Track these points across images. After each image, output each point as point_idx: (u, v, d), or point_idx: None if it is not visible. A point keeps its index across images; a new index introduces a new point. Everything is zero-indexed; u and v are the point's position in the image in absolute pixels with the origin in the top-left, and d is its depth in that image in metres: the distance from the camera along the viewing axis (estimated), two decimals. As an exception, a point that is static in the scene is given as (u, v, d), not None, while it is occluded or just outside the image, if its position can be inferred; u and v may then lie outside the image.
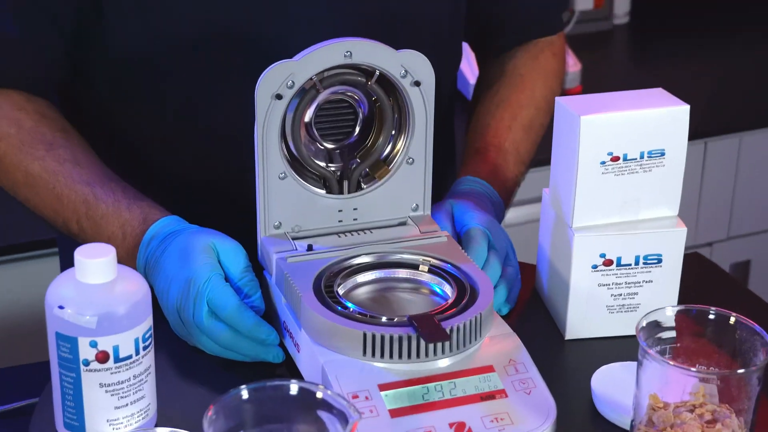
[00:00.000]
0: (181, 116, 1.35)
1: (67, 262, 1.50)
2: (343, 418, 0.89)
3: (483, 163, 1.40)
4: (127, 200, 1.24)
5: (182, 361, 1.16)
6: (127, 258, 1.22)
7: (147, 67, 1.32)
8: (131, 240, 1.22)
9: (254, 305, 1.15)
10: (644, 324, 1.00)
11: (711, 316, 1.02)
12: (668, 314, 1.02)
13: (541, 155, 1.37)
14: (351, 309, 1.08)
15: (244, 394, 0.90)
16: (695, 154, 2.45)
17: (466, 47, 1.57)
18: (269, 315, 1.18)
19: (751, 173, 2.52)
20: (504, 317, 1.19)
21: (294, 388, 0.91)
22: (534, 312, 1.27)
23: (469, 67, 2.31)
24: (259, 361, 1.15)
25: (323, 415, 0.91)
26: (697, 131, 2.39)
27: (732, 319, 1.01)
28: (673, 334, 1.02)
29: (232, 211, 1.29)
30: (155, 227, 1.21)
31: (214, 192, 1.37)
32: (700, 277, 1.35)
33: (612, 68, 2.79)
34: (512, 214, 2.28)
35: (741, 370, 0.97)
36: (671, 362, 0.97)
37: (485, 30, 1.51)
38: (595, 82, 2.48)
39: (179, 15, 1.28)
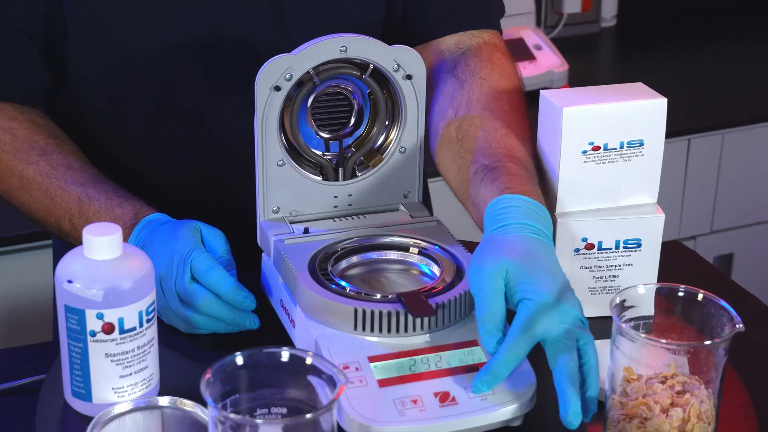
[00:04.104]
0: (170, 122, 1.40)
1: (59, 255, 1.54)
2: (332, 383, 0.95)
3: (511, 177, 1.19)
4: (119, 199, 1.29)
5: (183, 335, 1.22)
6: None
7: (131, 78, 1.37)
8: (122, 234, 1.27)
9: None
10: (618, 301, 1.06)
11: (680, 294, 1.07)
12: (641, 292, 1.07)
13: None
14: (343, 287, 1.14)
15: (239, 360, 0.97)
16: (679, 150, 2.51)
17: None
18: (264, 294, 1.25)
19: (733, 169, 2.59)
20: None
21: (285, 354, 0.98)
22: (521, 295, 1.33)
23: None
24: (237, 332, 1.20)
25: (313, 380, 0.97)
26: (681, 129, 2.47)
27: (700, 296, 1.06)
28: (645, 311, 1.07)
29: (230, 205, 1.36)
30: (145, 220, 1.26)
31: (212, 189, 1.43)
32: (680, 264, 1.41)
33: (598, 70, 2.85)
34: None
35: (707, 342, 1.03)
36: (642, 335, 1.03)
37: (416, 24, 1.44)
38: (582, 83, 2.54)
39: (154, 18, 1.33)
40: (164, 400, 1.05)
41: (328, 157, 1.27)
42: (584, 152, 1.23)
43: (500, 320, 1.08)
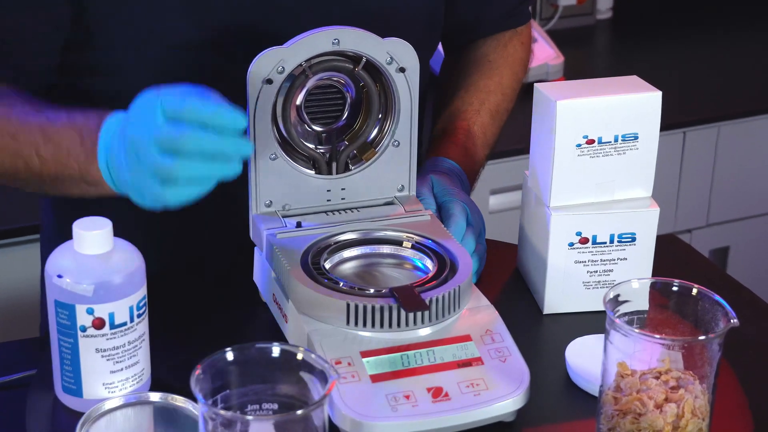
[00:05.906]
0: None
1: (47, 250, 1.52)
2: (323, 378, 0.95)
3: (453, 145, 1.46)
4: (79, 112, 1.21)
5: (175, 330, 1.22)
6: (86, 160, 1.18)
7: (141, 72, 1.34)
8: (89, 140, 1.18)
9: None
10: (612, 295, 1.05)
11: (675, 288, 1.07)
12: (635, 287, 1.07)
13: (523, 144, 1.42)
14: (336, 281, 1.13)
15: (230, 355, 0.96)
16: (674, 143, 2.50)
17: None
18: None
19: (729, 162, 2.57)
20: (486, 294, 1.24)
21: (276, 350, 0.97)
22: (515, 289, 1.33)
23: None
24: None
25: (305, 375, 0.96)
26: (676, 122, 2.46)
27: (694, 291, 1.06)
28: (639, 306, 1.07)
29: (225, 197, 1.35)
30: (112, 118, 1.17)
31: (218, 187, 1.41)
32: (675, 258, 1.41)
33: (594, 62, 2.84)
34: (498, 200, 2.34)
35: (702, 337, 1.02)
36: (635, 330, 1.02)
37: (457, 24, 1.55)
38: (577, 75, 2.52)
39: (172, 17, 1.31)
40: (155, 396, 1.05)
41: (321, 151, 1.26)
42: (578, 146, 1.23)
43: None
